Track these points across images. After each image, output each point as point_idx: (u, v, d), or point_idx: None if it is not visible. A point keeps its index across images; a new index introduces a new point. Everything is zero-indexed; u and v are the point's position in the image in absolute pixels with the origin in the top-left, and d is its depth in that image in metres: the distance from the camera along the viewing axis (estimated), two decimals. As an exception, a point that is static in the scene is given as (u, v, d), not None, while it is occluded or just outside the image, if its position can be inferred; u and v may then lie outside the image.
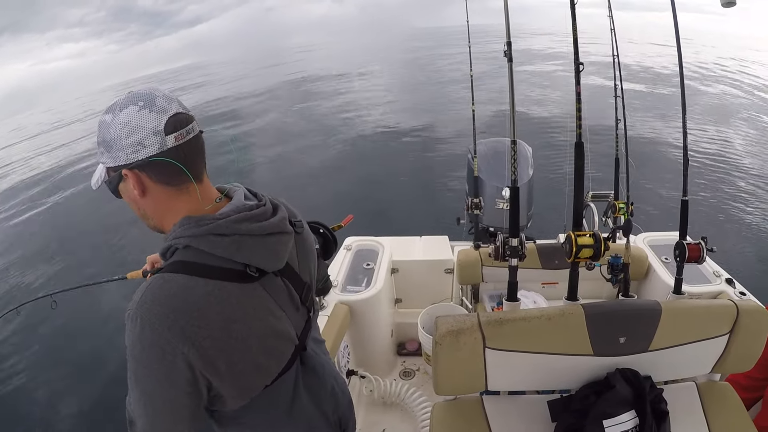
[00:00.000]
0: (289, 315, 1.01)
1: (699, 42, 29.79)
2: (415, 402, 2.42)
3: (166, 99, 0.89)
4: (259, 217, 0.94)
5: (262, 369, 0.96)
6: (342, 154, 11.01)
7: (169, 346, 0.82)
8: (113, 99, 0.91)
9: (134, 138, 0.85)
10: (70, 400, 4.34)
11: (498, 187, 3.08)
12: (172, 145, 0.87)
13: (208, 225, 0.88)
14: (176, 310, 0.82)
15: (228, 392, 0.93)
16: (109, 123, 0.86)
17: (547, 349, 1.40)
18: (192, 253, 0.88)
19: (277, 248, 0.96)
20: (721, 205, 6.84)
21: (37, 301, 1.91)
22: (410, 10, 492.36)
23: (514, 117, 1.83)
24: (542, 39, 31.04)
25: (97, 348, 4.97)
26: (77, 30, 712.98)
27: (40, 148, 18.40)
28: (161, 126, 0.86)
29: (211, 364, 0.86)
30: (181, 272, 0.86)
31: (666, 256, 2.60)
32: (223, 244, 0.88)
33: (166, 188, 0.90)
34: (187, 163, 0.90)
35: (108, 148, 0.87)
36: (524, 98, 14.15)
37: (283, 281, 1.00)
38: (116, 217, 7.09)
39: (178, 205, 0.92)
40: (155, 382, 0.85)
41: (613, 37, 2.60)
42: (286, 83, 25.17)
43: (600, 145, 2.73)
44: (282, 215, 0.99)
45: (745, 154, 9.14)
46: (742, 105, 13.52)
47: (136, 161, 0.86)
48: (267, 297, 0.95)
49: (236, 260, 0.89)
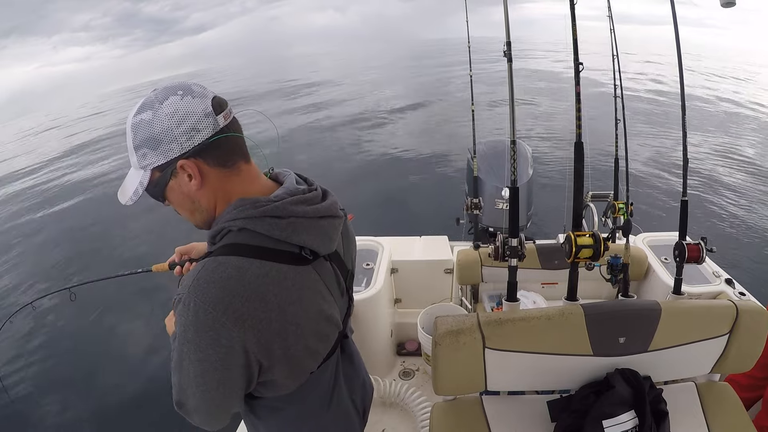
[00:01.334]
0: (337, 299, 1.01)
1: (700, 55, 29.84)
2: (414, 402, 2.42)
3: (200, 86, 0.89)
4: (312, 200, 0.93)
5: (311, 353, 0.96)
6: (341, 154, 11.02)
7: (224, 329, 0.80)
8: (138, 100, 0.87)
9: (187, 124, 0.83)
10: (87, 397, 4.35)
11: (497, 187, 3.09)
12: (224, 124, 0.87)
13: (264, 207, 0.86)
14: (232, 292, 0.80)
15: (280, 375, 0.92)
16: (150, 119, 0.83)
17: (546, 349, 1.40)
18: (247, 236, 0.86)
19: (329, 231, 0.96)
20: (721, 206, 6.84)
21: (56, 293, 1.92)
22: (412, 21, 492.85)
23: (513, 117, 1.83)
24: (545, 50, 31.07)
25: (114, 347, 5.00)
26: (83, 34, 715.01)
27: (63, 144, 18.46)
28: (210, 108, 0.85)
29: (267, 347, 0.85)
30: (235, 254, 0.84)
31: (666, 257, 2.59)
32: (280, 225, 0.86)
33: (221, 171, 0.89)
34: (239, 140, 0.91)
35: (155, 144, 0.84)
36: (524, 99, 14.17)
37: (332, 266, 1.00)
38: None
39: (233, 187, 0.90)
40: (209, 365, 0.83)
41: (612, 37, 2.59)
42: (286, 87, 25.20)
43: (599, 145, 2.73)
44: (333, 200, 0.99)
45: (746, 155, 9.14)
46: (742, 106, 13.53)
47: (192, 148, 0.84)
48: (319, 280, 0.94)
49: (292, 242, 0.88)
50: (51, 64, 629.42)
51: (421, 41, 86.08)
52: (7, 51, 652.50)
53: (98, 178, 11.85)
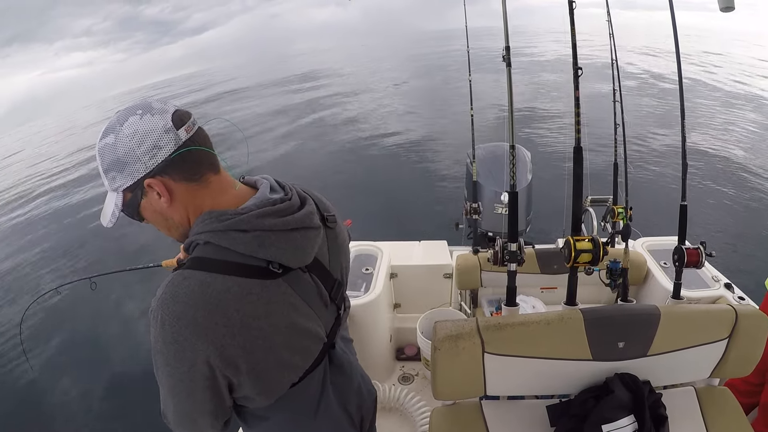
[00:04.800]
0: (317, 312, 0.99)
1: (702, 38, 29.76)
2: (414, 407, 2.41)
3: (161, 101, 0.89)
4: (284, 211, 0.91)
5: (286, 367, 0.94)
6: (340, 158, 11.02)
7: (187, 343, 0.81)
8: (101, 125, 0.89)
9: (148, 143, 0.83)
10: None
11: (497, 191, 3.08)
12: (186, 137, 0.86)
13: (229, 220, 0.86)
14: (195, 307, 0.81)
15: (251, 391, 0.92)
16: (113, 143, 0.84)
17: (546, 354, 1.40)
18: (212, 249, 0.86)
19: (302, 244, 0.93)
20: (721, 210, 6.84)
21: (77, 282, 2.04)
22: (414, 13, 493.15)
23: (512, 121, 1.84)
24: (545, 41, 31.13)
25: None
26: (84, 39, 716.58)
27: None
28: (169, 123, 0.85)
29: (232, 362, 0.85)
30: (200, 269, 0.84)
31: (665, 261, 2.60)
32: (245, 240, 0.85)
33: (189, 185, 0.89)
34: (204, 152, 0.90)
35: (121, 167, 0.85)
36: (524, 102, 14.21)
37: (311, 277, 0.98)
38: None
39: (203, 200, 0.90)
40: (176, 378, 0.85)
41: (611, 41, 2.60)
42: (285, 87, 25.24)
43: (599, 150, 2.74)
44: (309, 210, 0.96)
45: (745, 158, 9.15)
46: (743, 105, 13.54)
47: (156, 165, 0.84)
48: (292, 293, 0.92)
49: (258, 256, 0.87)
50: (54, 71, 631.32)
51: (422, 32, 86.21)
52: (9, 59, 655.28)
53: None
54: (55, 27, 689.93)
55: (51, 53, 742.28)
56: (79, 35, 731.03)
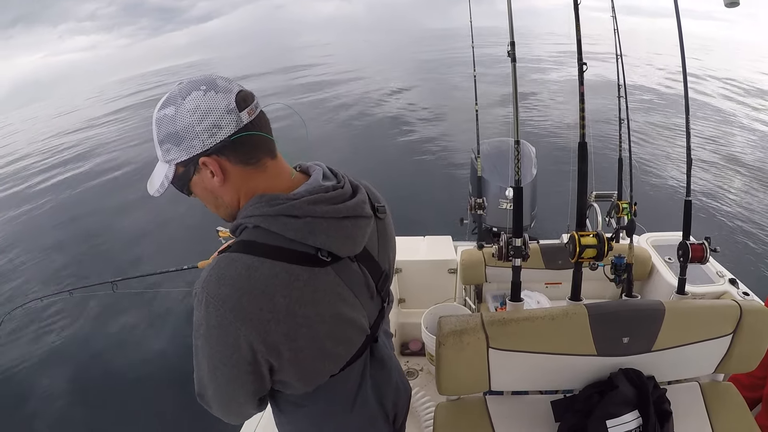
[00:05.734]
0: (363, 303, 0.97)
1: (711, 48, 29.58)
2: (418, 402, 2.42)
3: (225, 80, 0.86)
4: (336, 199, 0.89)
5: (328, 357, 0.93)
6: (345, 153, 11.01)
7: (231, 327, 0.80)
8: (162, 95, 0.86)
9: (209, 121, 0.81)
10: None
11: (501, 187, 3.09)
12: (247, 120, 0.84)
13: (280, 205, 0.84)
14: (240, 290, 0.80)
15: (291, 377, 0.91)
16: (173, 115, 0.82)
17: (550, 349, 1.40)
18: (261, 234, 0.85)
19: (352, 233, 0.91)
20: (725, 205, 6.82)
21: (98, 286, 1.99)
22: (418, 9, 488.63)
23: (517, 117, 1.84)
24: (549, 43, 30.97)
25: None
26: (88, 23, 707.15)
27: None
28: (233, 104, 0.83)
29: (274, 348, 0.85)
30: (248, 252, 0.83)
31: (669, 257, 2.59)
32: (296, 225, 0.84)
33: (244, 168, 0.87)
34: (264, 136, 0.88)
35: (178, 141, 0.83)
36: (528, 98, 14.16)
37: (359, 267, 0.96)
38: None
39: (257, 184, 0.88)
40: (218, 361, 0.85)
41: (616, 36, 2.59)
42: (289, 80, 25.20)
43: (604, 145, 2.73)
44: (361, 198, 0.94)
45: (750, 154, 9.10)
46: (746, 106, 13.47)
47: (214, 145, 0.83)
48: (339, 282, 0.90)
49: (307, 243, 0.85)
50: (56, 54, 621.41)
51: (426, 30, 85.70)
52: (13, 41, 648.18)
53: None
54: (59, 10, 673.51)
55: (54, 36, 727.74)
56: (84, 19, 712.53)
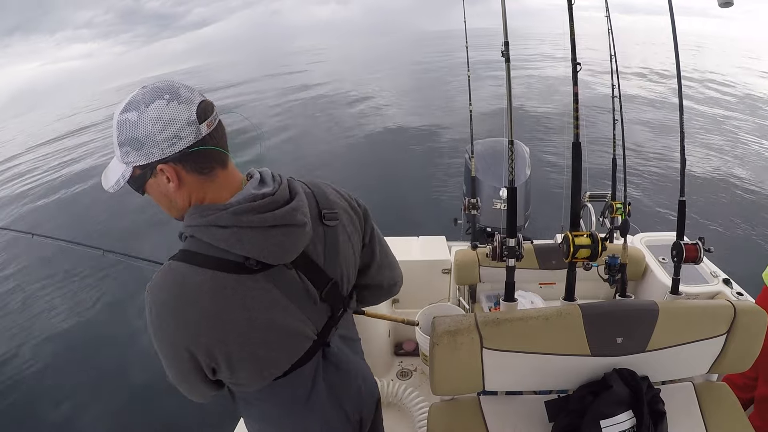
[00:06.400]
0: (304, 309, 0.99)
1: (705, 46, 29.71)
2: (412, 402, 2.41)
3: (188, 89, 0.89)
4: (263, 208, 0.90)
5: (266, 361, 0.97)
6: (338, 154, 11.00)
7: (169, 329, 0.89)
8: (126, 96, 0.88)
9: (170, 131, 0.84)
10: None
11: (495, 187, 3.08)
12: (206, 132, 0.88)
13: (210, 216, 0.88)
14: (175, 297, 0.87)
15: (230, 377, 0.97)
16: (135, 121, 0.84)
17: (544, 349, 1.40)
18: (195, 243, 0.90)
19: (281, 241, 0.91)
20: (719, 205, 6.85)
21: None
22: (414, 12, 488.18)
23: (511, 117, 1.83)
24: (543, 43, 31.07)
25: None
26: (85, 31, 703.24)
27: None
28: (193, 116, 0.86)
29: (208, 351, 0.90)
30: (183, 261, 0.89)
31: (663, 257, 2.60)
32: (224, 235, 0.87)
33: (198, 177, 0.90)
34: (219, 148, 0.92)
35: (138, 146, 0.85)
36: (522, 98, 14.19)
37: (297, 274, 0.98)
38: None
39: (206, 191, 0.92)
40: (164, 355, 0.94)
41: (610, 36, 2.59)
42: (287, 85, 25.19)
43: (597, 145, 2.73)
44: (295, 206, 0.94)
45: (743, 155, 9.15)
46: (740, 106, 13.55)
47: (173, 154, 0.86)
48: (272, 289, 0.93)
49: (235, 252, 0.88)
50: (54, 62, 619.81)
51: (422, 32, 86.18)
52: (10, 49, 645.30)
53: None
54: (56, 18, 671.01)
55: (52, 44, 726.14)
56: (81, 27, 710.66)
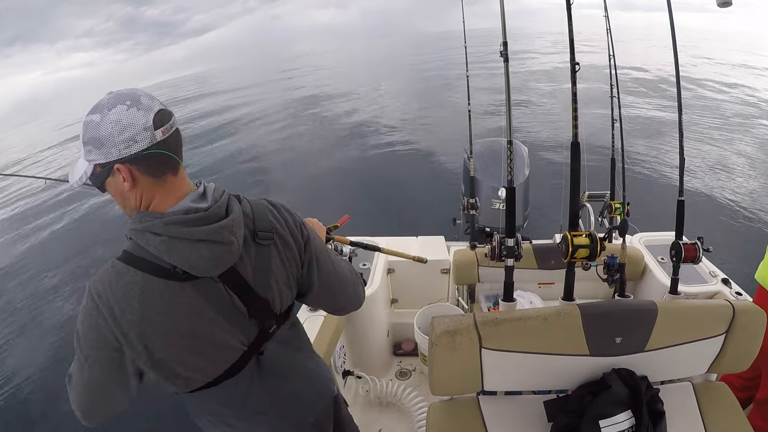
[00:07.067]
0: (232, 322, 1.04)
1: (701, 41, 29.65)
2: (411, 402, 2.41)
3: (149, 97, 0.97)
4: (194, 222, 0.96)
5: (189, 366, 1.02)
6: (338, 154, 11.00)
7: (101, 318, 0.94)
8: (94, 101, 0.96)
9: (127, 134, 0.91)
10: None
11: (494, 187, 3.07)
12: (161, 138, 0.95)
13: (146, 222, 0.95)
14: (110, 291, 0.94)
15: (154, 377, 1.01)
16: (97, 122, 0.92)
17: (543, 349, 1.40)
18: (133, 246, 0.97)
19: (206, 255, 0.96)
20: (718, 205, 6.85)
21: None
22: (414, 14, 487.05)
23: (510, 117, 1.83)
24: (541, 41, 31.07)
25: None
26: (86, 40, 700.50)
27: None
28: (150, 122, 0.93)
29: (132, 345, 0.96)
30: (122, 260, 0.96)
31: (662, 256, 2.60)
32: (155, 243, 0.94)
33: (150, 179, 0.97)
34: (171, 154, 0.98)
35: (99, 145, 0.92)
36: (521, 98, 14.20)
37: (225, 288, 1.03)
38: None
39: (155, 194, 0.98)
40: (87, 345, 0.97)
41: (609, 36, 2.59)
42: (286, 87, 25.17)
43: (596, 145, 2.72)
44: (224, 225, 0.98)
45: (743, 154, 9.16)
46: (739, 105, 13.56)
47: (128, 155, 0.92)
48: (198, 299, 0.99)
49: (165, 259, 0.95)
50: (55, 71, 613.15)
51: (422, 34, 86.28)
52: (11, 60, 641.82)
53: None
54: (57, 27, 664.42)
55: (53, 53, 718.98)
56: (81, 36, 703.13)
